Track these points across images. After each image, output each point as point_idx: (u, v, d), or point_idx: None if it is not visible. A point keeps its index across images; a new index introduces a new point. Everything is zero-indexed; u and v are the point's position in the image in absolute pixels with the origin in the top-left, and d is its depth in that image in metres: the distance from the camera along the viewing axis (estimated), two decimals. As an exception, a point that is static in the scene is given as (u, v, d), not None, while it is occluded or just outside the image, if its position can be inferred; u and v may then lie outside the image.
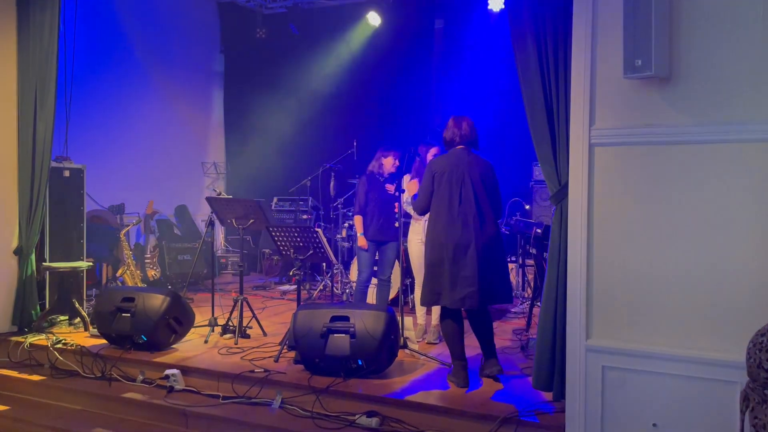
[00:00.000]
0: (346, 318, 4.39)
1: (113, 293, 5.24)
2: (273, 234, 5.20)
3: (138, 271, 6.92)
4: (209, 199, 5.65)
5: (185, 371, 4.59)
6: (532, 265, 6.52)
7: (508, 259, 7.46)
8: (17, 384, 4.95)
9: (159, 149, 8.87)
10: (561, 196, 3.64)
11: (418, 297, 5.53)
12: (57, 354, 5.02)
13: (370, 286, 5.95)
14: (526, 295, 7.03)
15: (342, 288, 7.17)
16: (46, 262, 5.82)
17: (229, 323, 5.44)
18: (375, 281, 5.94)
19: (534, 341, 4.40)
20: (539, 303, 4.06)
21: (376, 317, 4.36)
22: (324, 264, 7.70)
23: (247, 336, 5.38)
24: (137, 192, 8.33)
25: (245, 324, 5.45)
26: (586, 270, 3.42)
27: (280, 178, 9.35)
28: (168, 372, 4.52)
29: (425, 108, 8.96)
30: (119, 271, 6.91)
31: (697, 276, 3.17)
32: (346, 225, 7.44)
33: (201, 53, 9.96)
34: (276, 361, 4.69)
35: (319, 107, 9.40)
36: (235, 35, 10.10)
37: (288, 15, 9.63)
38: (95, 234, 7.11)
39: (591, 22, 3.37)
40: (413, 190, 5.14)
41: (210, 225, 5.74)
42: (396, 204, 5.37)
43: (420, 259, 5.41)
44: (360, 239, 5.80)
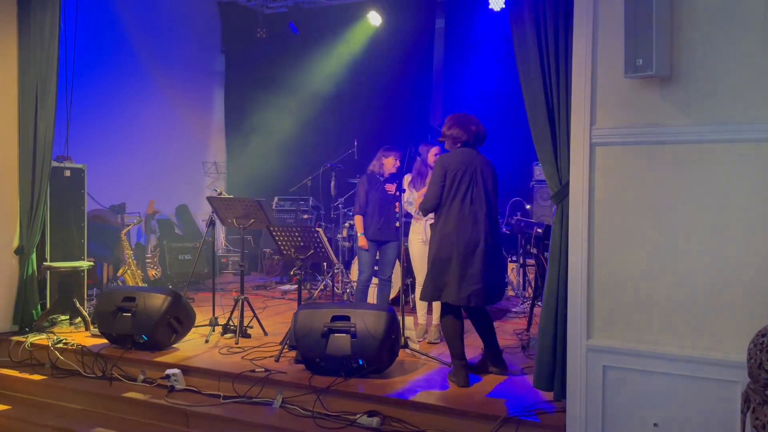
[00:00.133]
0: (346, 318, 4.39)
1: (114, 293, 5.24)
2: (274, 234, 5.20)
3: (139, 271, 6.92)
4: (210, 199, 5.65)
5: (186, 371, 4.59)
6: (532, 265, 6.52)
7: (509, 259, 7.51)
8: (18, 383, 4.95)
9: (160, 149, 8.87)
10: (562, 195, 3.63)
11: (419, 296, 5.54)
12: (58, 353, 5.02)
13: (370, 285, 5.95)
14: (526, 295, 7.02)
15: (343, 288, 7.17)
16: (46, 261, 5.82)
17: (230, 323, 5.44)
18: (376, 281, 5.94)
19: (535, 341, 4.40)
20: (540, 303, 4.07)
21: (377, 317, 4.36)
22: (325, 264, 7.70)
23: (248, 336, 5.38)
24: (138, 191, 8.34)
25: (246, 324, 5.45)
26: (587, 270, 3.42)
27: (280, 177, 9.35)
28: (169, 371, 4.52)
29: (426, 108, 8.96)
30: (120, 271, 6.92)
31: (699, 275, 3.17)
32: (346, 225, 7.44)
33: (202, 53, 9.96)
34: (277, 361, 4.69)
35: (320, 107, 9.40)
36: (236, 35, 10.10)
37: (289, 15, 9.64)
38: (96, 234, 7.11)
39: (592, 21, 3.37)
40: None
41: (211, 224, 5.74)
42: (397, 204, 5.37)
43: (421, 259, 5.41)
44: (360, 239, 5.80)
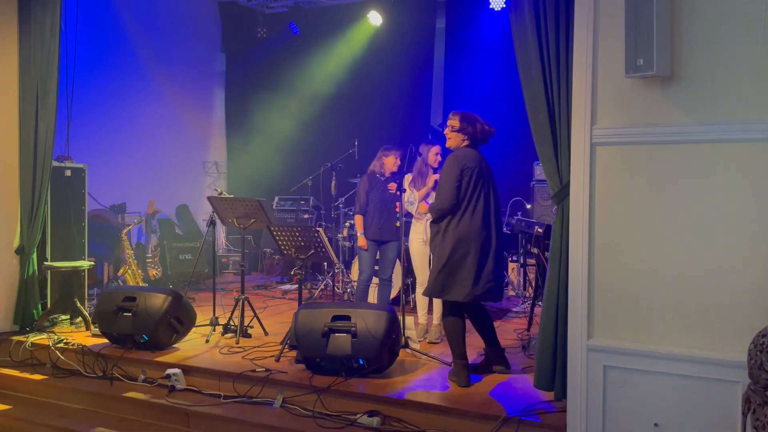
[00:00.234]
0: (347, 317, 4.39)
1: (115, 293, 5.24)
2: (274, 233, 5.20)
3: (139, 271, 6.92)
4: (210, 199, 5.65)
5: (186, 371, 4.59)
6: (533, 265, 6.51)
7: (509, 259, 7.51)
8: (19, 383, 4.96)
9: (160, 149, 8.88)
10: (562, 195, 3.63)
11: (419, 296, 5.53)
12: (58, 353, 5.02)
13: (371, 285, 5.95)
14: (527, 295, 7.02)
15: (343, 287, 7.16)
16: (47, 261, 5.83)
17: (231, 323, 5.44)
18: (376, 281, 5.94)
19: (535, 341, 4.40)
20: (540, 302, 4.07)
21: (377, 317, 4.36)
22: (325, 263, 7.69)
23: (249, 335, 5.38)
24: (138, 191, 8.34)
25: (246, 323, 5.45)
26: (587, 269, 3.41)
27: (281, 177, 9.36)
28: (169, 371, 4.52)
29: (426, 108, 8.96)
30: (120, 271, 6.92)
31: (700, 275, 3.16)
32: (347, 224, 7.44)
33: (202, 53, 9.97)
34: (277, 361, 4.69)
35: (320, 106, 9.40)
36: (237, 35, 10.10)
37: (289, 14, 9.64)
38: (97, 233, 7.11)
39: (592, 21, 3.37)
40: (424, 209, 5.00)
41: (211, 224, 5.74)
42: (397, 204, 5.36)
43: (421, 258, 5.41)
44: (360, 239, 5.80)
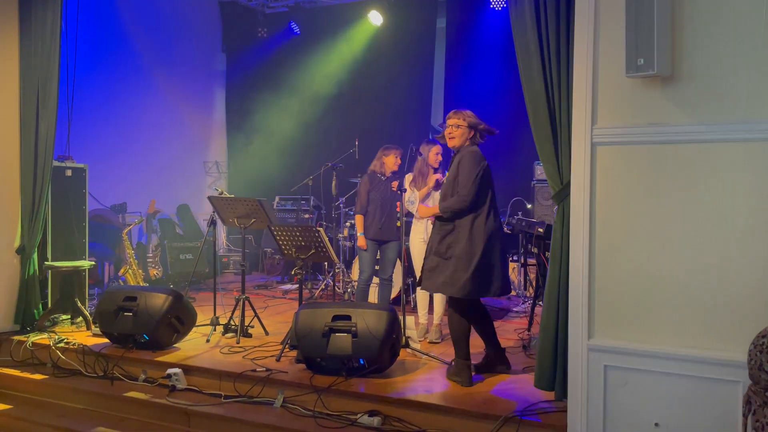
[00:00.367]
0: (347, 317, 4.39)
1: (115, 292, 5.24)
2: (275, 233, 5.20)
3: (140, 271, 6.92)
4: (211, 198, 5.65)
5: (187, 370, 4.59)
6: (533, 265, 6.51)
7: (510, 259, 7.51)
8: (19, 383, 4.96)
9: (161, 148, 8.88)
10: (563, 195, 3.63)
11: (420, 296, 5.53)
12: (59, 353, 5.03)
13: (371, 285, 5.95)
14: (527, 295, 7.03)
15: (344, 287, 7.17)
16: (48, 261, 5.83)
17: (231, 322, 5.44)
18: (377, 281, 5.94)
19: (536, 341, 4.39)
20: (541, 302, 4.06)
21: (378, 316, 4.36)
22: (326, 263, 7.70)
23: (249, 335, 5.38)
24: (139, 191, 8.34)
25: (247, 323, 5.45)
26: (588, 269, 3.41)
27: (281, 177, 9.36)
28: (170, 371, 4.52)
29: (427, 107, 8.96)
30: (121, 271, 6.92)
31: (700, 274, 3.16)
32: (347, 224, 7.44)
33: (203, 52, 9.97)
34: (278, 361, 4.69)
35: (321, 106, 9.40)
36: (237, 34, 10.11)
37: (289, 14, 9.65)
38: (97, 233, 7.12)
39: (593, 20, 3.36)
40: (426, 212, 4.89)
41: (212, 224, 5.74)
42: (398, 203, 5.36)
43: (422, 258, 5.39)
44: (360, 239, 5.79)
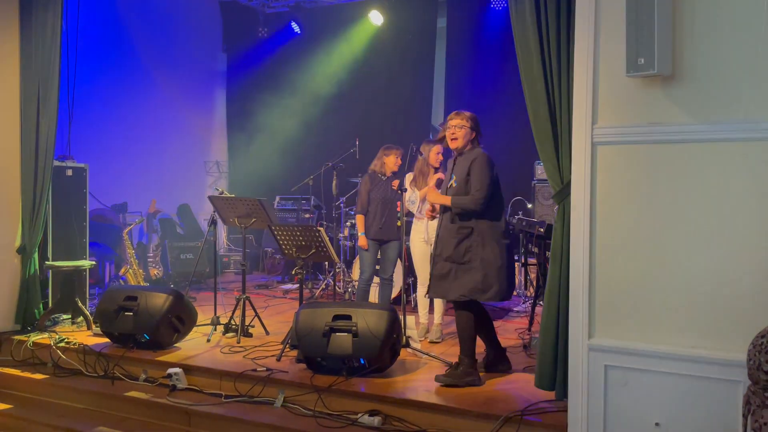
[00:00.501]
0: (348, 317, 4.38)
1: (116, 292, 5.24)
2: (275, 233, 5.20)
3: (141, 270, 6.93)
4: (212, 198, 5.65)
5: (188, 370, 4.59)
6: (534, 264, 6.51)
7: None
8: (20, 383, 4.96)
9: (161, 148, 8.89)
10: (563, 194, 3.63)
11: (420, 296, 5.53)
12: (60, 353, 5.03)
13: (372, 285, 5.95)
14: (528, 294, 7.02)
15: (344, 287, 7.17)
16: (48, 260, 5.83)
17: (232, 322, 5.44)
18: (377, 280, 5.94)
19: (536, 340, 4.39)
20: (541, 302, 4.05)
21: (378, 316, 4.35)
22: (326, 263, 7.70)
23: (250, 335, 5.38)
24: (140, 191, 8.35)
25: (248, 323, 5.45)
26: (588, 269, 3.41)
27: (282, 176, 9.36)
28: (170, 371, 4.52)
29: (427, 107, 8.96)
30: (122, 270, 6.93)
31: (701, 274, 3.16)
32: (348, 224, 7.44)
33: (203, 52, 9.98)
34: (278, 360, 4.69)
35: (321, 106, 9.40)
36: (238, 34, 10.12)
37: (290, 14, 9.65)
38: (98, 233, 7.12)
39: (593, 20, 3.36)
40: (438, 198, 4.59)
41: (212, 224, 5.74)
42: (398, 203, 5.36)
43: (422, 258, 5.39)
44: (361, 239, 5.79)
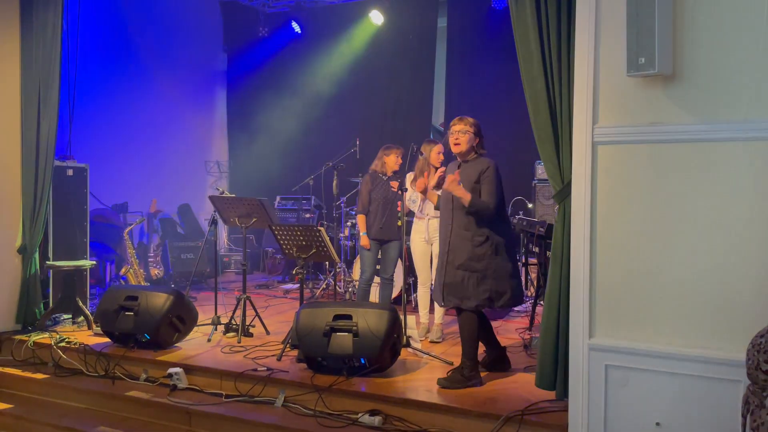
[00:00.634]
0: (349, 317, 4.38)
1: (117, 292, 5.24)
2: (276, 233, 5.20)
3: (141, 270, 6.93)
4: (212, 198, 5.65)
5: (188, 370, 4.60)
6: (534, 264, 6.51)
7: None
8: (21, 382, 4.96)
9: (162, 148, 8.89)
10: (564, 194, 3.63)
11: (420, 296, 5.54)
12: (60, 352, 5.03)
13: (372, 284, 5.95)
14: (528, 294, 7.01)
15: (345, 287, 7.17)
16: (49, 260, 5.83)
17: (232, 322, 5.45)
18: (378, 280, 5.94)
19: (537, 340, 4.39)
20: (542, 302, 4.05)
21: (379, 316, 4.36)
22: (327, 263, 7.70)
23: (250, 335, 5.38)
24: (140, 191, 8.35)
25: (248, 322, 5.45)
26: (589, 269, 3.41)
27: (282, 176, 9.36)
28: (171, 370, 4.53)
29: (428, 106, 8.96)
30: (122, 270, 6.93)
31: (702, 274, 3.16)
32: (348, 224, 7.44)
33: (204, 52, 9.97)
34: (279, 360, 4.69)
35: (322, 106, 9.41)
36: (238, 34, 10.12)
37: (290, 13, 9.65)
38: (98, 233, 7.12)
39: (594, 19, 3.36)
40: (456, 189, 4.74)
41: (213, 224, 5.74)
42: (399, 203, 5.35)
43: (423, 258, 5.40)
44: (362, 238, 5.79)
